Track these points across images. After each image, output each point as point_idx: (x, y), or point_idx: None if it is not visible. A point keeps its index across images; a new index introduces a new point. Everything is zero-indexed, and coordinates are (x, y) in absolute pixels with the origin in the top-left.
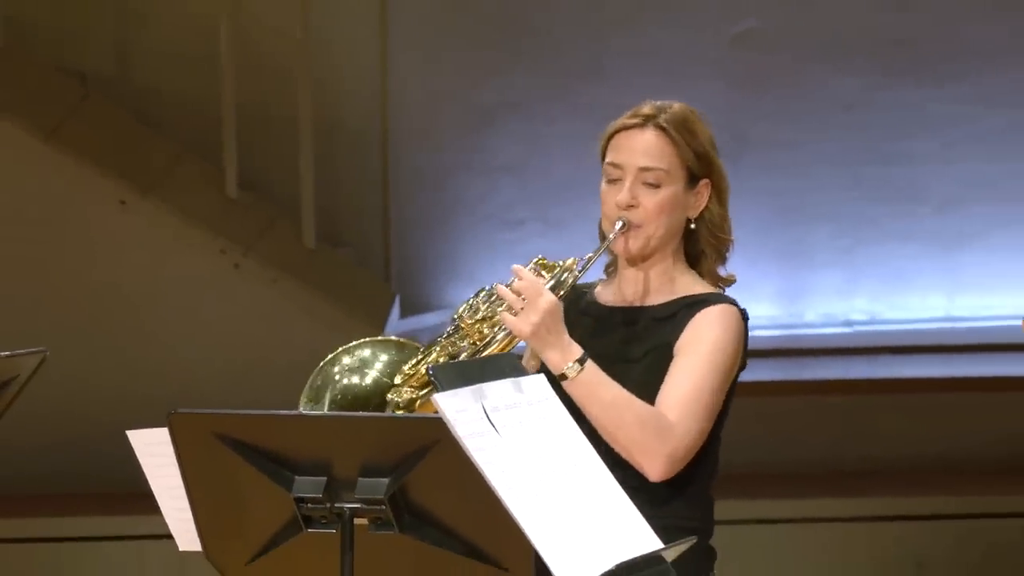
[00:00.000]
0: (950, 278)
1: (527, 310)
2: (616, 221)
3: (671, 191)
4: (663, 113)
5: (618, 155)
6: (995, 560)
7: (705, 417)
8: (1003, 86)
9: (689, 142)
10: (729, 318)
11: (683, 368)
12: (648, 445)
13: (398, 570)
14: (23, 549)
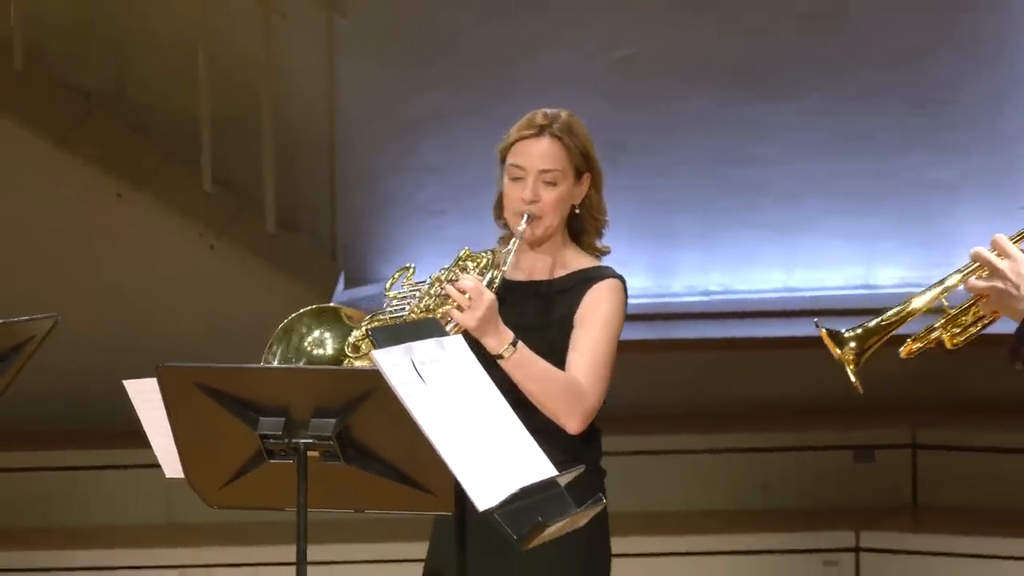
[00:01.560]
0: (787, 257)
1: (473, 308)
2: (522, 214)
3: (564, 187)
4: (555, 123)
5: (520, 159)
6: (824, 483)
7: (607, 378)
8: (827, 101)
9: (575, 145)
10: (616, 292)
11: (585, 339)
12: (569, 407)
13: (343, 495)
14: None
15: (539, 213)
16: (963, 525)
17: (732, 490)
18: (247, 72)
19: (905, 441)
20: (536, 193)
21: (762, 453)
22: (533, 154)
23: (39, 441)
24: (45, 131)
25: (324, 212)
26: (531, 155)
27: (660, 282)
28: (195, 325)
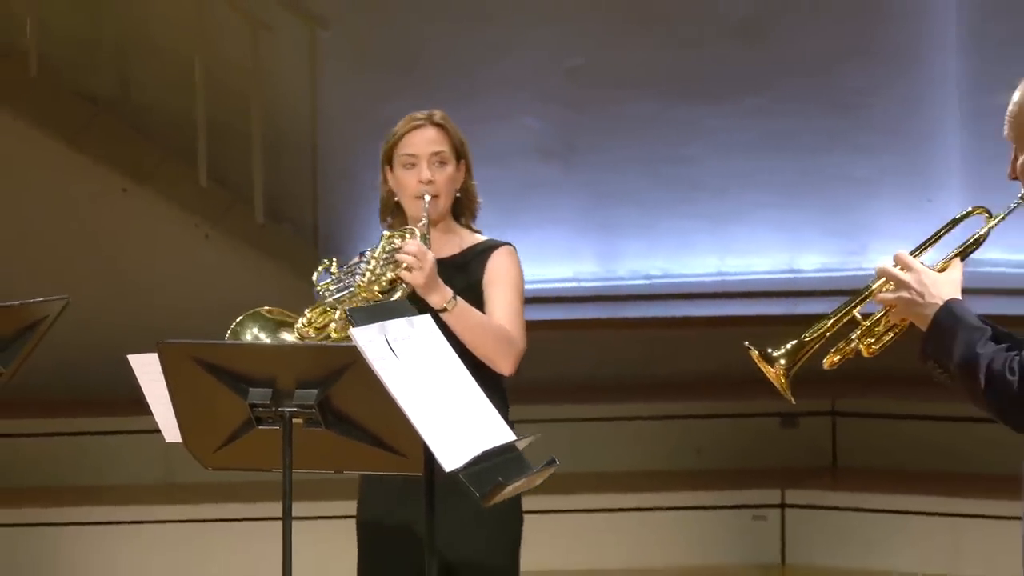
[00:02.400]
0: (720, 245)
1: (421, 267)
2: (422, 195)
3: (451, 167)
4: (432, 115)
5: (412, 148)
6: (753, 446)
7: (523, 326)
8: (756, 105)
9: (454, 133)
10: (513, 256)
11: (500, 297)
12: (503, 351)
13: (324, 457)
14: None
15: (436, 192)
16: (877, 484)
17: (671, 453)
18: (238, 79)
19: (825, 409)
20: (432, 173)
21: (697, 420)
22: (422, 141)
23: (51, 409)
24: (57, 132)
25: (307, 205)
26: (420, 142)
27: (607, 267)
28: (192, 306)
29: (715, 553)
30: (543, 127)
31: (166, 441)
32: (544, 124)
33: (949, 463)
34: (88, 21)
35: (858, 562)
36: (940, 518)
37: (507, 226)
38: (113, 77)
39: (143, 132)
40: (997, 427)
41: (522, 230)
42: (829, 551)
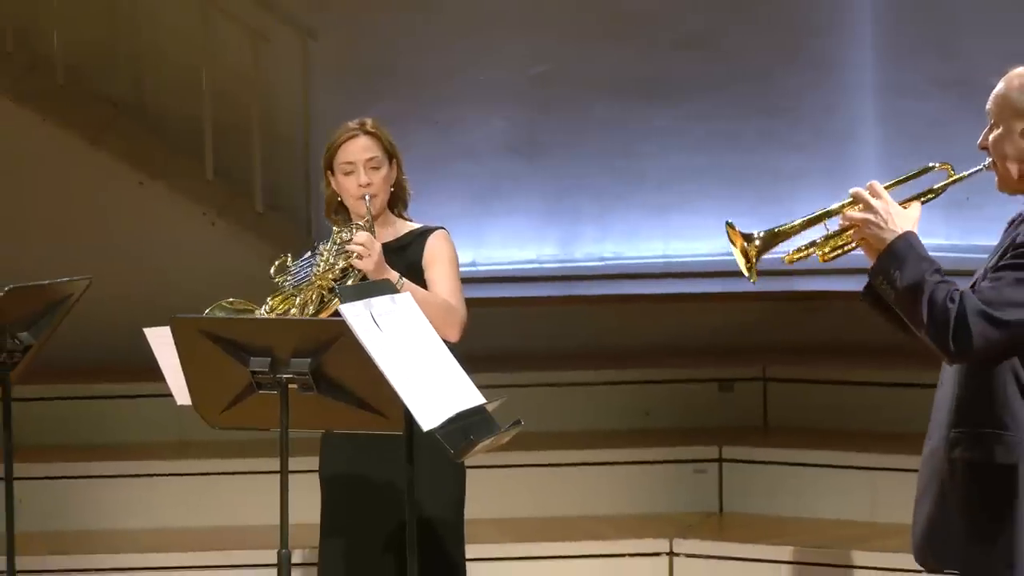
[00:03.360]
0: (666, 231)
1: (371, 255)
2: (362, 196)
3: (385, 170)
4: (364, 124)
5: (349, 156)
6: (694, 408)
7: (462, 298)
8: (699, 108)
9: (384, 138)
10: (447, 238)
11: (440, 273)
12: (449, 320)
13: (317, 418)
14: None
15: (374, 192)
16: (802, 441)
17: (622, 414)
18: (240, 85)
19: (757, 376)
20: (369, 177)
21: (646, 385)
22: (357, 149)
23: (75, 376)
24: (81, 133)
25: (300, 195)
26: (356, 150)
27: (566, 251)
28: (199, 285)
29: (662, 502)
30: (510, 127)
31: (177, 404)
32: (511, 124)
33: (866, 423)
34: (108, 35)
35: (787, 511)
36: (858, 471)
37: (479, 213)
38: (130, 84)
39: (156, 132)
40: (909, 391)
41: (492, 217)
42: (761, 500)
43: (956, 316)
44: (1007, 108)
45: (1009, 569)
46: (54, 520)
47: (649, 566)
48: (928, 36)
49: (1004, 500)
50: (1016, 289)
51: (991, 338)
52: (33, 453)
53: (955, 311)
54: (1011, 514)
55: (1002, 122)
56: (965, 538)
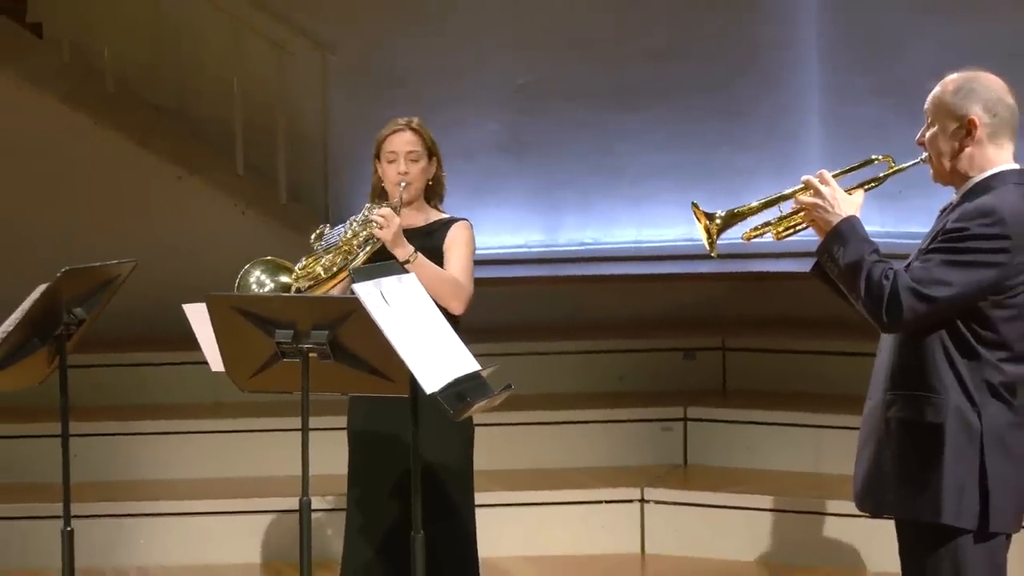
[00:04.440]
0: (638, 220)
1: (389, 226)
2: (399, 182)
3: (423, 163)
4: (411, 122)
5: (393, 147)
6: (662, 374)
7: (471, 281)
8: (666, 113)
9: (426, 136)
10: (468, 228)
11: (456, 256)
12: (454, 294)
13: (333, 382)
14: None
15: (410, 180)
16: (757, 403)
17: (599, 379)
18: (266, 92)
19: (717, 346)
20: (407, 168)
21: (620, 353)
22: (401, 142)
23: (122, 346)
24: (129, 134)
25: (319, 189)
26: (399, 143)
27: (550, 237)
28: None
29: (634, 456)
30: (501, 129)
31: (212, 370)
32: (502, 127)
33: (813, 387)
34: (152, 49)
35: (743, 463)
36: (805, 428)
37: (473, 205)
38: (171, 92)
39: (194, 134)
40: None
41: (484, 208)
42: (720, 454)
43: (889, 291)
44: (942, 109)
45: (936, 515)
46: (103, 471)
47: (623, 511)
48: (866, 50)
49: (932, 454)
50: (943, 270)
51: (919, 312)
52: (85, 413)
53: (889, 287)
54: (938, 466)
55: (937, 121)
56: (898, 487)
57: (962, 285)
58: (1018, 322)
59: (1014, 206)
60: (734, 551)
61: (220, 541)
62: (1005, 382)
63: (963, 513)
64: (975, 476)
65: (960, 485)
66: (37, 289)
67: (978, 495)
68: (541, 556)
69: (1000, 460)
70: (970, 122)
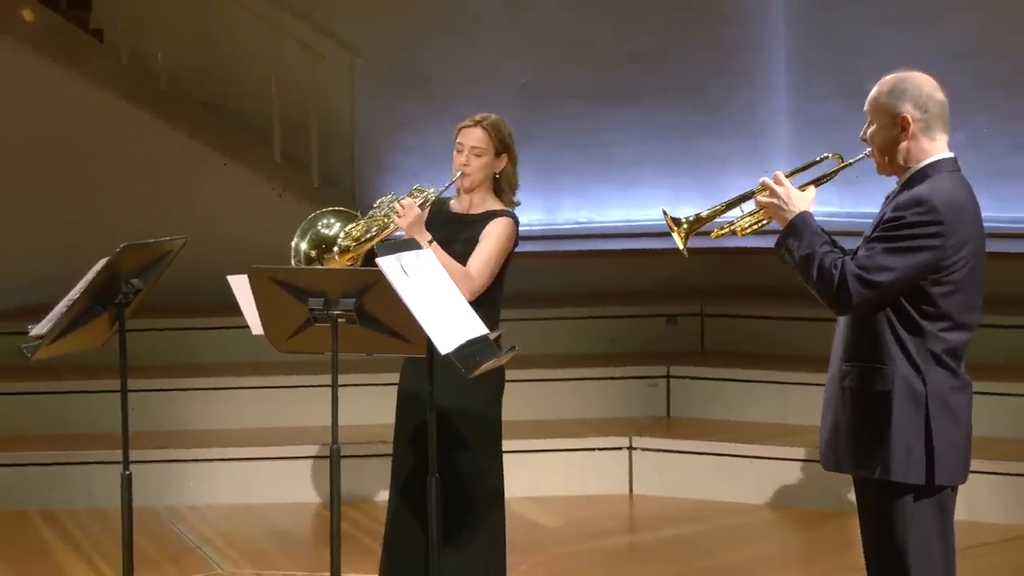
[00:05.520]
0: (628, 202)
1: (405, 216)
2: (458, 171)
3: (485, 159)
4: (485, 120)
5: (461, 139)
6: (648, 337)
7: (487, 274)
8: (652, 108)
9: (496, 135)
10: (507, 224)
11: (480, 248)
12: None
13: (359, 344)
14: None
15: (468, 172)
16: (731, 362)
17: (593, 341)
18: (301, 91)
19: (696, 312)
20: (467, 160)
21: (611, 319)
22: (468, 136)
23: (174, 312)
24: (181, 127)
25: (347, 175)
26: (466, 138)
27: (550, 217)
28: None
29: (623, 409)
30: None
31: (252, 333)
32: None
33: (779, 348)
34: (200, 53)
35: (719, 415)
36: (773, 385)
37: None
38: (219, 90)
39: (238, 126)
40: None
41: None
42: (699, 408)
43: (839, 279)
44: (878, 108)
45: (887, 472)
46: (157, 422)
47: (614, 457)
48: (827, 54)
49: (882, 419)
50: (884, 257)
51: (865, 296)
52: (142, 371)
53: (838, 275)
54: (888, 429)
55: (876, 120)
56: (853, 448)
57: (902, 269)
58: (957, 295)
59: (946, 193)
60: (711, 492)
61: (260, 483)
62: (948, 349)
63: (911, 470)
64: (921, 437)
65: (908, 445)
66: (99, 262)
67: (924, 453)
68: (543, 496)
69: (944, 420)
70: (903, 119)
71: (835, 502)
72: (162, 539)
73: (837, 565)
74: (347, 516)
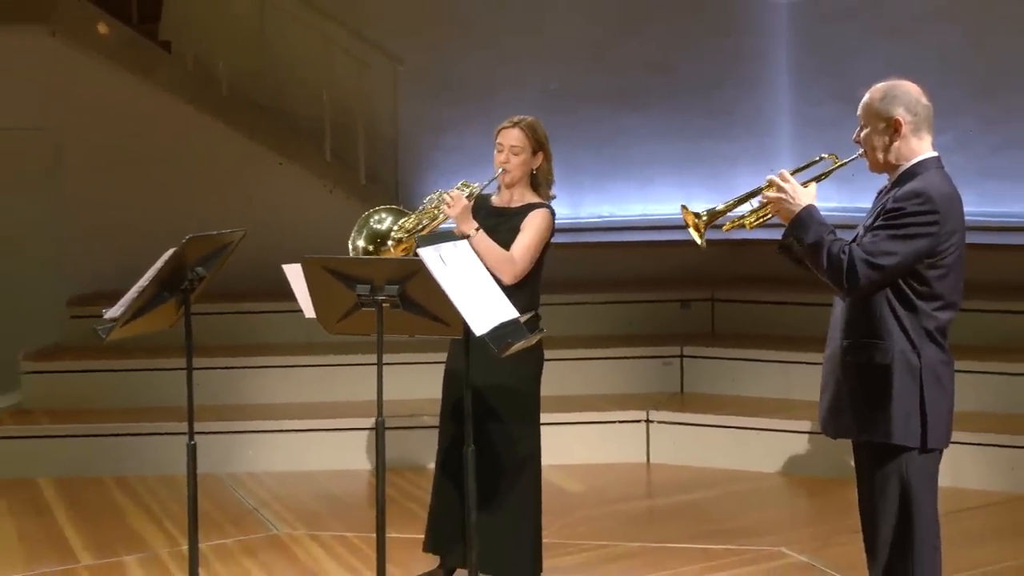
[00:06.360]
0: (644, 197)
1: (453, 206)
2: (499, 168)
3: (523, 156)
4: (522, 121)
5: (500, 139)
6: (664, 320)
7: (528, 258)
8: (665, 112)
9: (532, 135)
10: (545, 215)
11: (522, 236)
12: (503, 269)
13: (402, 326)
14: (228, 316)
15: (508, 169)
16: (739, 343)
17: (613, 323)
18: (348, 96)
19: (708, 298)
20: (507, 158)
21: (629, 304)
22: (506, 137)
23: (233, 297)
24: (240, 129)
25: (391, 173)
26: (505, 138)
27: (574, 211)
28: (321, 234)
29: (640, 385)
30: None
31: (305, 317)
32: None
33: (785, 330)
34: (258, 61)
35: (728, 391)
36: (776, 363)
37: None
38: (275, 95)
39: (292, 129)
40: (811, 308)
41: None
42: (710, 384)
43: (847, 264)
44: (870, 112)
45: (888, 436)
46: (219, 396)
47: (632, 429)
48: (826, 62)
49: (883, 389)
50: (888, 243)
51: (872, 278)
52: (205, 350)
53: (846, 260)
54: (888, 398)
55: (869, 123)
56: (856, 415)
57: (904, 254)
58: (949, 278)
59: (938, 187)
60: (721, 460)
61: (313, 452)
62: (938, 327)
63: (909, 434)
64: (917, 405)
65: (906, 412)
66: (167, 253)
67: (919, 420)
68: (567, 464)
69: (935, 391)
70: (896, 121)
71: (834, 470)
72: (224, 503)
73: (836, 527)
74: (392, 482)
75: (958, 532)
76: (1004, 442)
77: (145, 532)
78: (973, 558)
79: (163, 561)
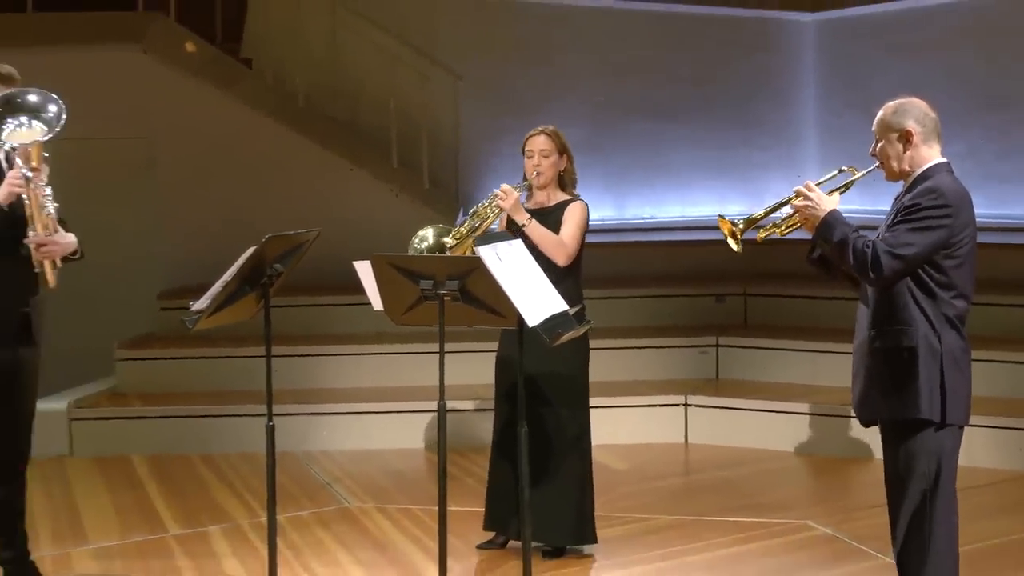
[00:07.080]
0: (683, 200)
1: (507, 199)
2: (532, 173)
3: (552, 159)
4: (545, 129)
5: (529, 146)
6: (701, 313)
7: (575, 243)
8: (701, 123)
9: (557, 139)
10: (583, 206)
11: (566, 226)
12: (557, 251)
13: (462, 317)
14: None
15: (541, 171)
16: (770, 333)
17: (654, 316)
18: (413, 108)
19: (740, 292)
20: (538, 163)
21: (669, 298)
22: (535, 144)
23: (309, 291)
24: (314, 139)
25: (451, 178)
26: (534, 144)
27: (619, 213)
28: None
29: (679, 372)
30: (585, 134)
31: (374, 309)
32: (585, 133)
33: (810, 322)
34: (331, 76)
35: (760, 377)
36: (804, 352)
37: None
38: (348, 107)
39: (361, 138)
40: (837, 302)
41: None
42: (743, 371)
43: (872, 256)
44: (884, 126)
45: (916, 411)
46: (296, 381)
47: (671, 412)
48: (850, 79)
49: (909, 370)
50: (908, 235)
51: (896, 268)
52: (283, 339)
53: (871, 252)
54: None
55: (883, 136)
56: (887, 396)
57: (922, 244)
58: (963, 268)
59: (950, 185)
60: (753, 441)
61: (381, 432)
62: (956, 315)
63: (933, 410)
64: (938, 384)
65: (930, 389)
66: (248, 250)
67: (940, 398)
68: (612, 444)
69: (953, 373)
70: (907, 132)
71: (857, 450)
72: (300, 478)
73: (857, 502)
74: (453, 460)
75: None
76: (1012, 424)
77: (228, 505)
78: (984, 531)
79: (244, 531)
